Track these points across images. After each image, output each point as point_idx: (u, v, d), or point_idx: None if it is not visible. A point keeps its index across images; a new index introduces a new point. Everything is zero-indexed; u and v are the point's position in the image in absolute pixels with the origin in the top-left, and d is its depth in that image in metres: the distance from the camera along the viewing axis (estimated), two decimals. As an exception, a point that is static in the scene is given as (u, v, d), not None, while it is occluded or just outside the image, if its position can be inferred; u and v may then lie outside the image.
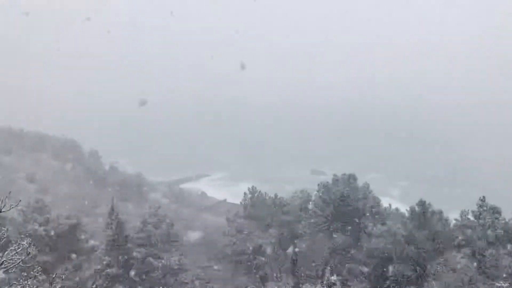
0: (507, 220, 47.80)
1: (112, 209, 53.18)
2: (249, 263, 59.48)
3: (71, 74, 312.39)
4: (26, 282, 18.76)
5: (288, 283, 44.01)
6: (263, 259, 59.04)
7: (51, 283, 17.37)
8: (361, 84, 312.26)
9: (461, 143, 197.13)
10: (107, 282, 47.99)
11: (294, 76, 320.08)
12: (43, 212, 50.84)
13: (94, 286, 44.83)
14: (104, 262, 49.85)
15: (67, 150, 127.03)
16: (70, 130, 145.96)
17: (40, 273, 19.92)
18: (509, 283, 33.28)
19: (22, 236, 35.82)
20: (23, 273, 21.06)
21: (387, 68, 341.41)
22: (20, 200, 19.23)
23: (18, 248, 17.44)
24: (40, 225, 49.01)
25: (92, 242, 54.39)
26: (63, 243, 50.32)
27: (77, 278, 46.13)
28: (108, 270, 48.90)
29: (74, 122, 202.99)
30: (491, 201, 49.72)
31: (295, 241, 56.50)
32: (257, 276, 55.58)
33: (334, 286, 24.52)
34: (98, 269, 49.34)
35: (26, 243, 17.67)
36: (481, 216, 48.22)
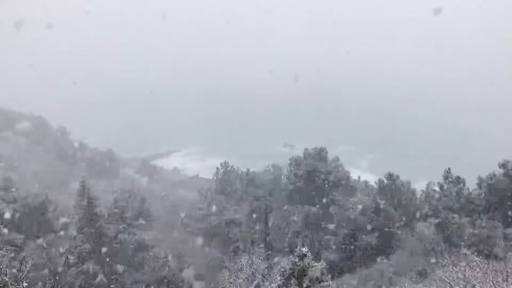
0: (470, 190, 49.57)
1: (83, 186, 52.55)
2: (222, 237, 60.13)
3: (39, 50, 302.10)
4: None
5: (260, 255, 44.66)
6: (236, 232, 59.71)
7: (21, 262, 17.23)
8: (330, 59, 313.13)
9: (427, 116, 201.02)
10: (79, 259, 47.71)
11: (265, 52, 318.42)
12: (10, 190, 49.88)
13: (66, 263, 44.52)
14: (76, 239, 49.46)
15: (35, 127, 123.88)
16: (37, 107, 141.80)
17: (9, 252, 19.72)
18: (472, 251, 34.68)
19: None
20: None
21: (358, 43, 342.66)
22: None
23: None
24: (7, 203, 48.15)
25: (63, 220, 53.72)
26: (32, 221, 49.65)
27: (49, 256, 45.69)
28: (80, 247, 48.54)
29: (41, 99, 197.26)
30: (456, 172, 51.36)
31: (268, 214, 57.24)
32: (230, 249, 56.23)
33: (306, 257, 24.92)
34: (70, 246, 48.91)
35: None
36: (446, 187, 49.87)
